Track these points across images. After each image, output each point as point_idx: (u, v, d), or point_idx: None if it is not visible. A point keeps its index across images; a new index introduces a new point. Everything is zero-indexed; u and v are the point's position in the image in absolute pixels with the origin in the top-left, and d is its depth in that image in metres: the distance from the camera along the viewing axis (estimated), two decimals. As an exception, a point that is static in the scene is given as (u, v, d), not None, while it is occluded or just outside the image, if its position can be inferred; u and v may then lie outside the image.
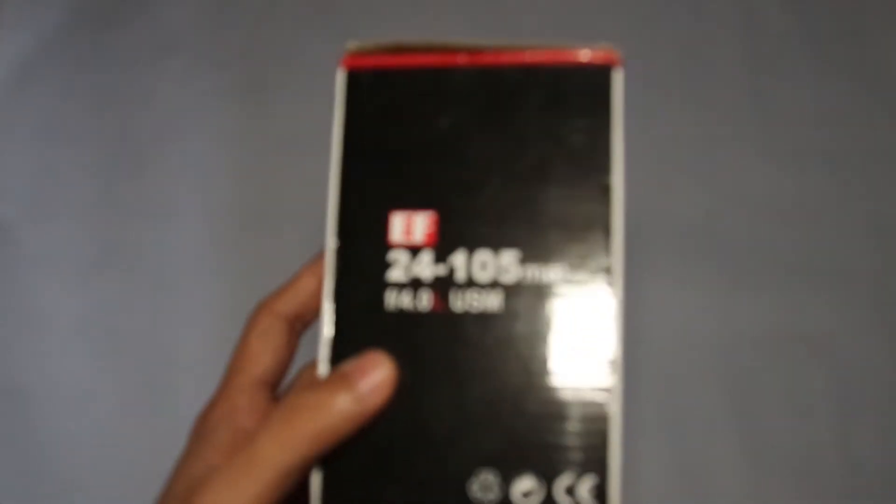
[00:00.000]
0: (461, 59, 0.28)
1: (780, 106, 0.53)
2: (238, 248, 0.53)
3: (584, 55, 0.28)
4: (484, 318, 0.26)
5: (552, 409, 0.26)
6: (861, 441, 0.47)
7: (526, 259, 0.27)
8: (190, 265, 0.53)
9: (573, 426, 0.26)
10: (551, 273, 0.27)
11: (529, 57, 0.28)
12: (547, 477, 0.26)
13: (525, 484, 0.26)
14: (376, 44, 0.28)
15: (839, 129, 0.53)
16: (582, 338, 0.26)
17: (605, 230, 0.27)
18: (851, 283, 0.51)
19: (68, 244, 0.54)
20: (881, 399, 0.49)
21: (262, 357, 0.31)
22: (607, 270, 0.27)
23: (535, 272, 0.27)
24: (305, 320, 0.32)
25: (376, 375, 0.26)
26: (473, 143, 0.28)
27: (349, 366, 0.26)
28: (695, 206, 0.52)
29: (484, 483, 0.26)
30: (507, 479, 0.26)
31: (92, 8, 0.59)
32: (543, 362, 0.26)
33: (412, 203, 0.27)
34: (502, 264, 0.27)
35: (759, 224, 0.52)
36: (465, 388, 0.26)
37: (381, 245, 0.27)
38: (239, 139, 0.56)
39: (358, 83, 0.28)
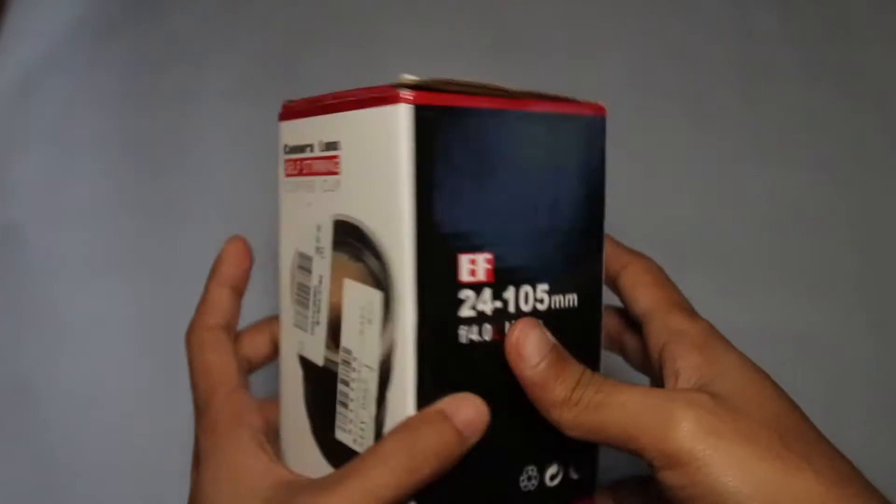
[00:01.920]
0: (507, 104, 0.30)
1: (772, 110, 0.54)
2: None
3: (584, 107, 0.32)
4: None
5: None
6: (848, 439, 0.47)
7: (553, 290, 0.31)
8: (198, 266, 0.47)
9: None
10: (569, 300, 0.32)
11: (549, 106, 0.31)
12: (566, 462, 0.32)
13: (552, 470, 0.32)
14: (433, 79, 0.28)
15: (829, 133, 0.54)
16: (586, 351, 0.33)
17: (601, 264, 0.33)
18: (840, 284, 0.51)
19: (77, 246, 0.54)
20: (868, 397, 0.49)
21: (228, 367, 0.33)
22: (600, 293, 0.33)
23: (559, 300, 0.32)
24: (232, 325, 0.35)
25: (471, 411, 0.29)
26: (509, 185, 0.30)
27: (445, 403, 0.28)
28: (686, 209, 0.52)
29: (529, 475, 0.31)
30: (542, 470, 0.32)
31: (98, 15, 0.59)
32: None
33: (473, 245, 0.29)
34: (538, 296, 0.31)
35: (749, 226, 0.52)
36: (517, 403, 0.31)
37: (454, 284, 0.29)
38: (246, 143, 0.55)
39: (424, 120, 0.28)
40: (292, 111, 0.34)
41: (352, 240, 0.31)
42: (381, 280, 0.29)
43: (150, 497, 0.47)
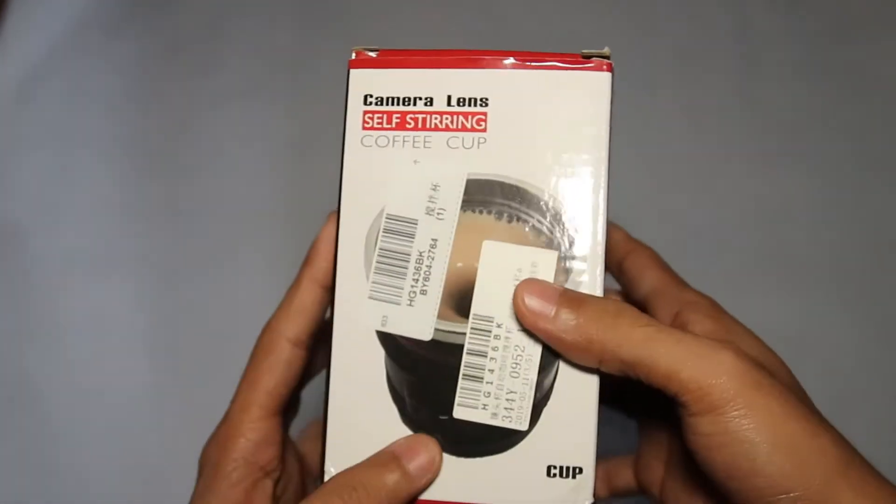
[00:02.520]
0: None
1: (771, 109, 0.54)
2: (248, 248, 0.53)
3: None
4: None
5: None
6: (851, 439, 0.43)
7: None
8: (200, 265, 0.53)
9: None
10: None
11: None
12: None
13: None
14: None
15: (828, 132, 0.53)
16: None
17: None
18: (840, 283, 0.51)
19: (78, 246, 0.54)
20: (870, 397, 0.49)
21: (275, 388, 0.31)
22: None
23: None
24: (312, 335, 0.32)
25: (423, 456, 0.29)
26: None
27: (398, 445, 0.29)
28: (685, 208, 0.51)
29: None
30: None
31: (99, 14, 0.59)
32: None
33: None
34: None
35: (748, 225, 0.52)
36: None
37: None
38: (249, 142, 0.55)
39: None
40: (377, 60, 0.30)
41: (503, 200, 0.29)
42: (555, 241, 0.29)
43: (150, 497, 0.47)
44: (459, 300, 0.29)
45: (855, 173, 0.53)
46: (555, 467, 0.28)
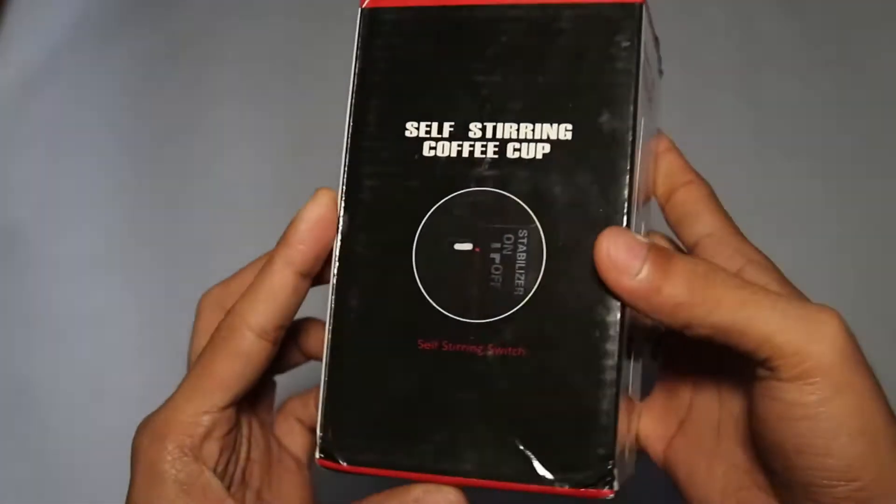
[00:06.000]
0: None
1: (774, 103, 0.54)
2: (249, 248, 0.49)
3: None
4: None
5: None
6: None
7: None
8: (200, 265, 0.52)
9: None
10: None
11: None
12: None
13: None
14: None
15: (831, 127, 0.53)
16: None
17: None
18: (846, 279, 0.51)
19: (77, 246, 0.54)
20: None
21: (227, 380, 0.27)
22: None
23: None
24: (284, 328, 0.28)
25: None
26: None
27: (421, 490, 0.26)
28: None
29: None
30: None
31: (99, 15, 0.59)
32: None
33: None
34: None
35: (752, 220, 0.48)
36: None
37: None
38: (248, 142, 0.55)
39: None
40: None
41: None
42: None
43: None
44: None
45: (857, 173, 0.53)
46: None
